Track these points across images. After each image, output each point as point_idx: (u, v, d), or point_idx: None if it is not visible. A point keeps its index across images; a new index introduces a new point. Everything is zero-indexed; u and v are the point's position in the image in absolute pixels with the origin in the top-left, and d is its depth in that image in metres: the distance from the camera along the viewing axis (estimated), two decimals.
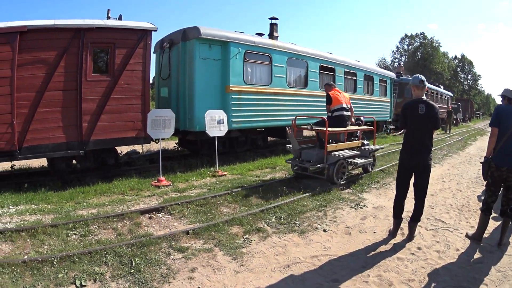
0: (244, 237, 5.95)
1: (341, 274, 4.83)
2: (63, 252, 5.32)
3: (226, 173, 10.35)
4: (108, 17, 10.98)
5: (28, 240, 5.78)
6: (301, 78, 14.51)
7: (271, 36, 14.43)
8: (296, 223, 6.54)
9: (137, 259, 5.07)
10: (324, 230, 6.31)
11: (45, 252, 5.43)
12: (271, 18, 14.80)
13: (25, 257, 5.27)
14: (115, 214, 6.76)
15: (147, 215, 6.89)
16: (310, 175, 9.52)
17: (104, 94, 9.62)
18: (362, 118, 11.04)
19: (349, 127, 10.15)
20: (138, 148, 12.70)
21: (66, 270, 4.85)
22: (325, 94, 10.27)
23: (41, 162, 12.43)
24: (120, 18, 10.74)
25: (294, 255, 5.37)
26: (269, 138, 16.01)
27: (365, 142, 10.77)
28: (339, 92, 10.21)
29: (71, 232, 6.12)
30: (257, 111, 12.35)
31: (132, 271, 4.82)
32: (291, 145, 10.03)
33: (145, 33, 10.10)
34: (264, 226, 6.40)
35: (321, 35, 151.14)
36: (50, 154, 9.40)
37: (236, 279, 4.73)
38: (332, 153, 9.17)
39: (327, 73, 16.13)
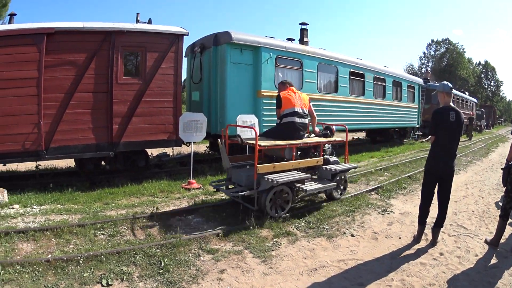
0: (274, 240, 5.97)
1: (366, 278, 4.88)
2: (90, 251, 5.37)
3: None
4: (137, 21, 11.05)
5: (52, 239, 5.85)
6: (331, 84, 14.34)
7: (301, 41, 14.35)
8: (324, 228, 6.57)
9: (166, 259, 5.13)
10: (352, 235, 6.35)
11: (70, 251, 5.51)
12: (302, 24, 14.74)
13: (49, 256, 5.30)
14: (145, 215, 6.79)
15: (177, 216, 6.92)
16: (241, 202, 7.29)
17: (135, 97, 9.68)
18: (332, 127, 8.63)
19: (303, 140, 7.82)
20: (168, 150, 12.71)
21: (92, 270, 4.90)
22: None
23: (68, 162, 12.61)
24: (149, 22, 10.82)
25: (322, 258, 5.41)
26: None
27: (332, 159, 8.34)
28: (294, 92, 8.02)
29: (99, 232, 6.21)
30: None
31: (161, 271, 4.88)
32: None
33: (177, 38, 10.15)
34: (293, 230, 6.41)
35: (347, 40, 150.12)
36: (79, 155, 9.48)
37: (264, 281, 4.77)
38: (266, 176, 6.86)
39: (357, 79, 15.93)
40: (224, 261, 5.22)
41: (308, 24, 14.68)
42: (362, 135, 25.09)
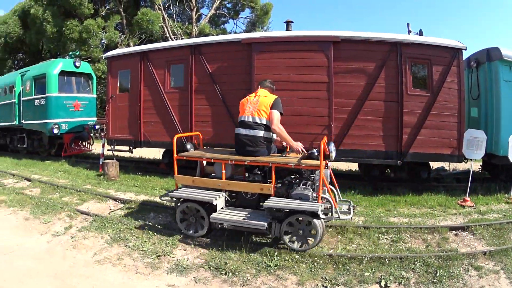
0: None
1: None
2: (374, 253, 6.02)
3: None
4: (409, 31, 11.26)
5: (336, 236, 6.70)
6: None
7: None
8: None
9: (441, 270, 5.52)
10: None
11: (353, 250, 6.26)
12: None
13: (331, 251, 6.06)
14: (426, 226, 7.32)
15: (454, 232, 7.27)
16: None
17: (424, 109, 9.82)
18: (324, 149, 6.11)
19: (236, 157, 6.68)
20: (445, 165, 12.68)
21: (373, 270, 5.48)
22: None
23: (348, 166, 13.77)
24: (421, 33, 10.91)
25: None
26: None
27: (298, 191, 6.22)
28: (256, 95, 6.75)
29: (382, 236, 6.88)
30: None
31: (434, 280, 5.30)
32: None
33: (457, 52, 9.95)
34: None
35: None
36: (367, 160, 10.03)
37: None
38: (180, 185, 7.05)
39: None
40: (484, 278, 5.51)
41: None
42: None
